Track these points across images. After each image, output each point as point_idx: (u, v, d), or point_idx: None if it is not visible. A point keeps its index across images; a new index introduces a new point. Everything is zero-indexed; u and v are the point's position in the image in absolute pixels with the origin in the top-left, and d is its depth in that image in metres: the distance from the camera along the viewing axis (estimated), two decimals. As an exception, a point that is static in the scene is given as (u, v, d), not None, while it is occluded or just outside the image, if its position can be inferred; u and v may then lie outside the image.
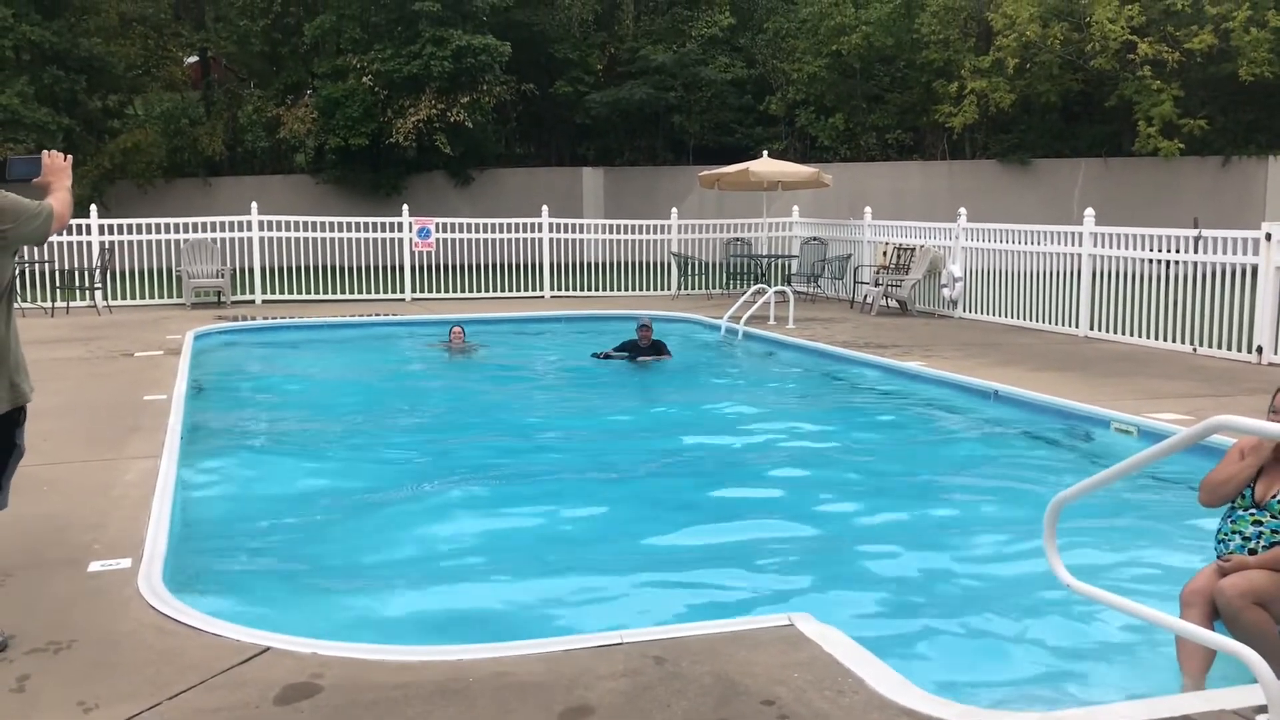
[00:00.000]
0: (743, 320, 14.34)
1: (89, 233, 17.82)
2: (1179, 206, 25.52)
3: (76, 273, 17.33)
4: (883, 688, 3.74)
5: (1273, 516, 4.32)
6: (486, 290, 19.18)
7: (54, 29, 26.36)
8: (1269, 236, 11.13)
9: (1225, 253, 11.78)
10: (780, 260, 20.34)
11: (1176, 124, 26.10)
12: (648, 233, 20.34)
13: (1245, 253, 11.49)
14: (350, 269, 19.05)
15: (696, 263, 20.13)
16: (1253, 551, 4.32)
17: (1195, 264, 12.11)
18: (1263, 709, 3.48)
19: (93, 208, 18.82)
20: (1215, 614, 4.21)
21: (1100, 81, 28.17)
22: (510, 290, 19.30)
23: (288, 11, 29.83)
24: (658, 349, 12.79)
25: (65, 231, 17.65)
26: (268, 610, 4.97)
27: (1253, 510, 4.39)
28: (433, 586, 5.62)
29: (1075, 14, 27.22)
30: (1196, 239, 12.14)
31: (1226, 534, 4.46)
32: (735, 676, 3.85)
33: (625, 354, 12.63)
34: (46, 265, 17.27)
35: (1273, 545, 4.28)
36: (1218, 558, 4.49)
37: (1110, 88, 27.77)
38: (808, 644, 4.13)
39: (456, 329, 13.43)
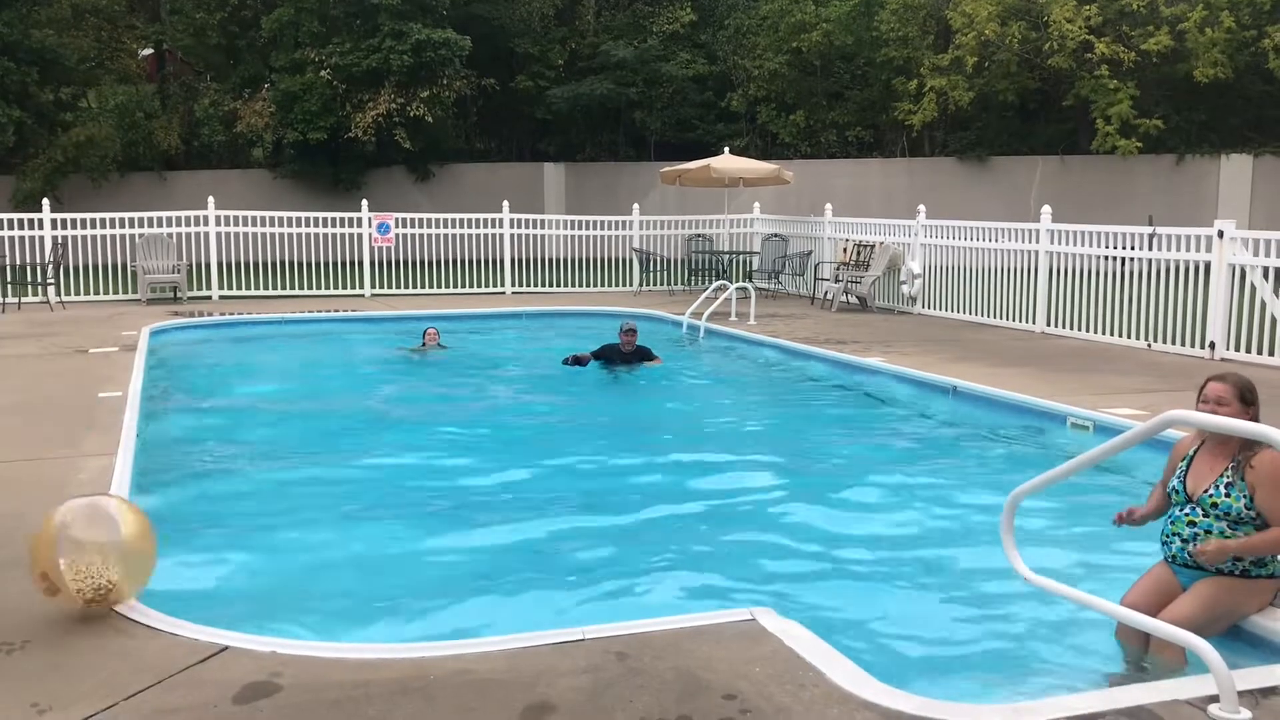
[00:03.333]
0: (704, 317, 14.37)
1: (41, 227, 17.53)
2: (1134, 204, 25.87)
3: (29, 268, 17.04)
4: (843, 681, 3.76)
5: (1205, 515, 4.35)
6: (447, 286, 19.09)
7: (4, 20, 25.90)
8: (1221, 234, 11.31)
9: (1179, 250, 11.95)
10: (742, 257, 20.41)
11: (1133, 123, 26.45)
12: (609, 229, 20.34)
13: (1198, 250, 11.67)
14: (309, 264, 18.89)
15: (658, 259, 20.15)
16: (1191, 554, 4.38)
17: (1150, 261, 12.28)
18: (1214, 699, 3.54)
19: (45, 202, 18.53)
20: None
21: (1058, 80, 28.49)
22: (471, 286, 19.22)
23: (245, 4, 29.51)
24: (642, 355, 11.82)
25: (17, 226, 17.43)
26: (225, 609, 4.92)
27: (1187, 509, 4.42)
28: (394, 584, 5.59)
29: (1033, 13, 27.49)
30: (1151, 236, 12.31)
31: (1168, 535, 4.50)
32: (697, 671, 3.86)
33: (603, 359, 11.75)
34: (-2, 260, 17.01)
35: None
36: (1164, 559, 4.55)
37: (1067, 86, 28.09)
38: (769, 638, 4.15)
39: (431, 330, 13.10)
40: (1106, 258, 13.03)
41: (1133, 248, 12.58)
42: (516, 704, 3.63)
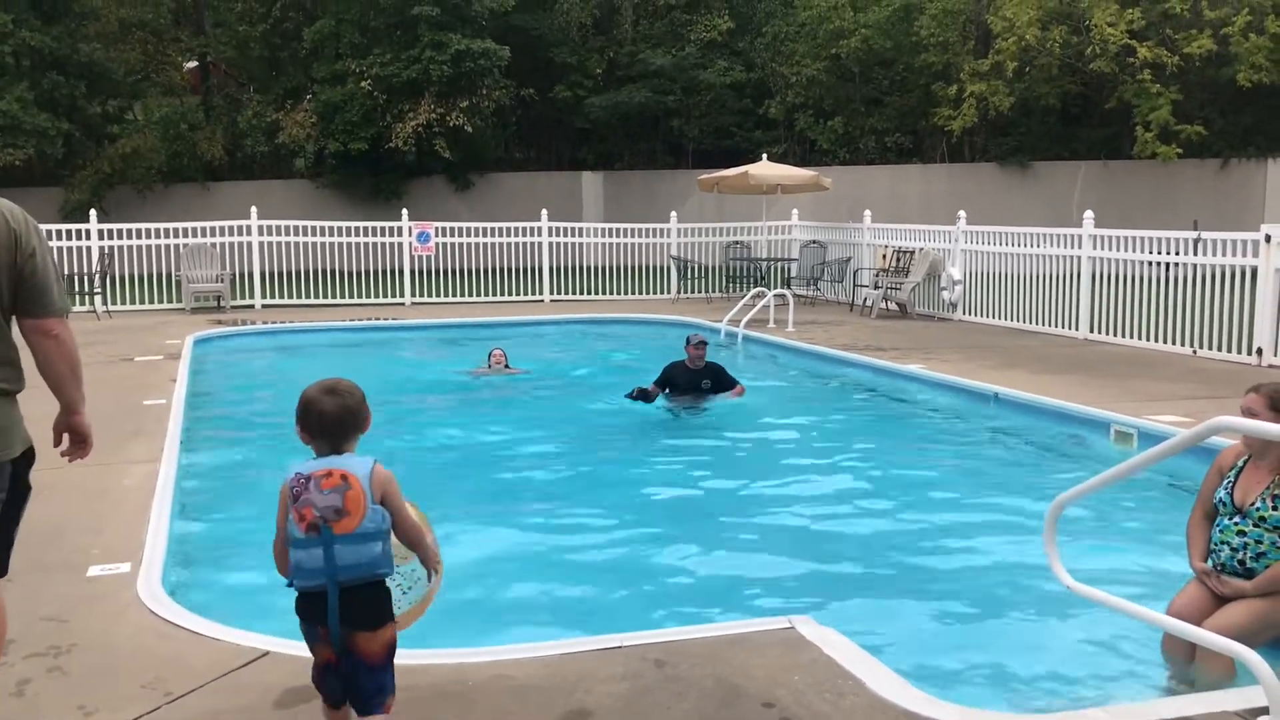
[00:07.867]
0: (742, 323, 14.34)
1: (88, 238, 17.83)
2: (1178, 209, 25.55)
3: (76, 278, 17.32)
4: (883, 690, 3.74)
5: (1255, 525, 4.28)
6: (486, 294, 19.18)
7: (54, 34, 26.38)
8: (1268, 238, 11.12)
9: (1225, 255, 11.78)
10: (780, 263, 20.35)
11: (1173, 129, 26.13)
12: (647, 236, 20.36)
13: (1245, 255, 11.49)
14: (350, 274, 19.06)
15: (696, 266, 20.14)
16: (1241, 563, 4.30)
17: (1195, 266, 12.12)
18: (1264, 710, 3.47)
19: (92, 213, 18.85)
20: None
21: (1100, 84, 28.20)
22: (510, 294, 19.31)
23: (286, 16, 29.86)
24: (715, 376, 10.25)
25: (65, 236, 17.74)
26: (267, 614, 4.96)
27: (1235, 519, 4.35)
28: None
29: (1074, 17, 27.25)
30: (1196, 241, 12.15)
31: (1216, 544, 4.43)
32: (736, 679, 3.85)
33: (668, 386, 10.23)
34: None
35: (1259, 556, 4.26)
36: (1211, 566, 4.46)
37: (1110, 90, 27.80)
38: (808, 646, 4.13)
39: (497, 351, 12.37)
40: (1150, 263, 12.87)
41: (1177, 253, 12.42)
42: (555, 709, 3.64)
